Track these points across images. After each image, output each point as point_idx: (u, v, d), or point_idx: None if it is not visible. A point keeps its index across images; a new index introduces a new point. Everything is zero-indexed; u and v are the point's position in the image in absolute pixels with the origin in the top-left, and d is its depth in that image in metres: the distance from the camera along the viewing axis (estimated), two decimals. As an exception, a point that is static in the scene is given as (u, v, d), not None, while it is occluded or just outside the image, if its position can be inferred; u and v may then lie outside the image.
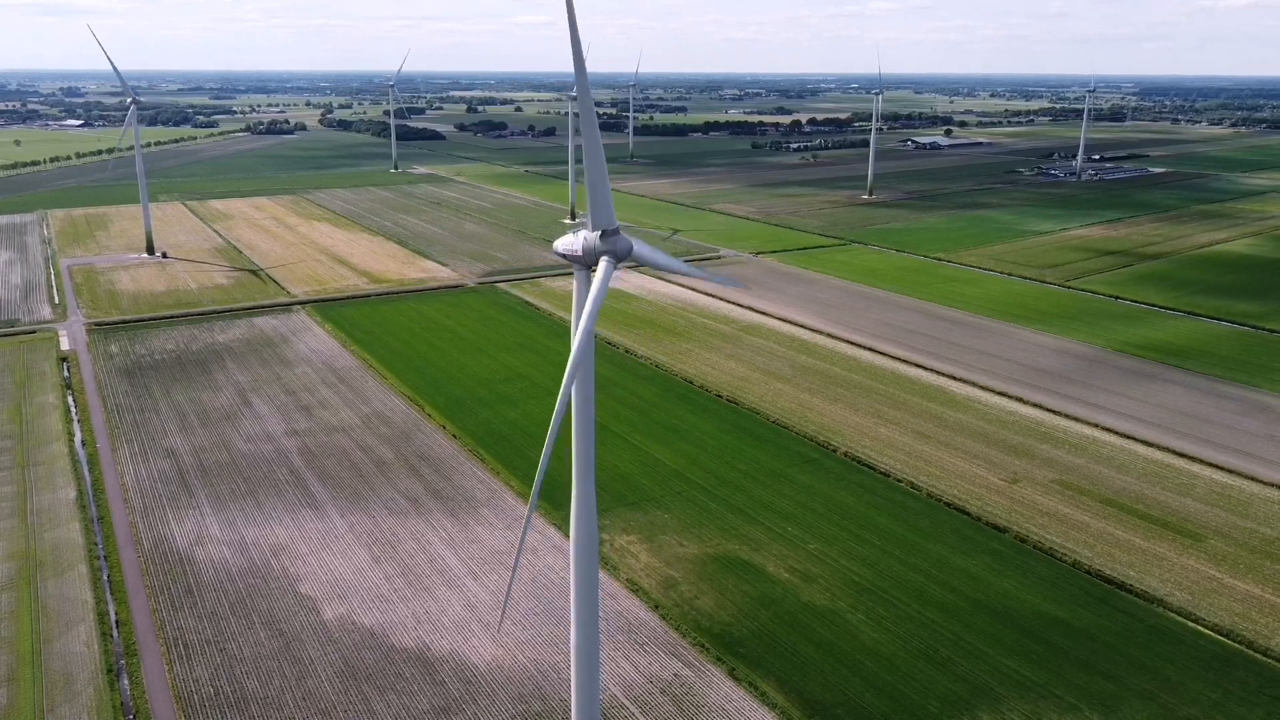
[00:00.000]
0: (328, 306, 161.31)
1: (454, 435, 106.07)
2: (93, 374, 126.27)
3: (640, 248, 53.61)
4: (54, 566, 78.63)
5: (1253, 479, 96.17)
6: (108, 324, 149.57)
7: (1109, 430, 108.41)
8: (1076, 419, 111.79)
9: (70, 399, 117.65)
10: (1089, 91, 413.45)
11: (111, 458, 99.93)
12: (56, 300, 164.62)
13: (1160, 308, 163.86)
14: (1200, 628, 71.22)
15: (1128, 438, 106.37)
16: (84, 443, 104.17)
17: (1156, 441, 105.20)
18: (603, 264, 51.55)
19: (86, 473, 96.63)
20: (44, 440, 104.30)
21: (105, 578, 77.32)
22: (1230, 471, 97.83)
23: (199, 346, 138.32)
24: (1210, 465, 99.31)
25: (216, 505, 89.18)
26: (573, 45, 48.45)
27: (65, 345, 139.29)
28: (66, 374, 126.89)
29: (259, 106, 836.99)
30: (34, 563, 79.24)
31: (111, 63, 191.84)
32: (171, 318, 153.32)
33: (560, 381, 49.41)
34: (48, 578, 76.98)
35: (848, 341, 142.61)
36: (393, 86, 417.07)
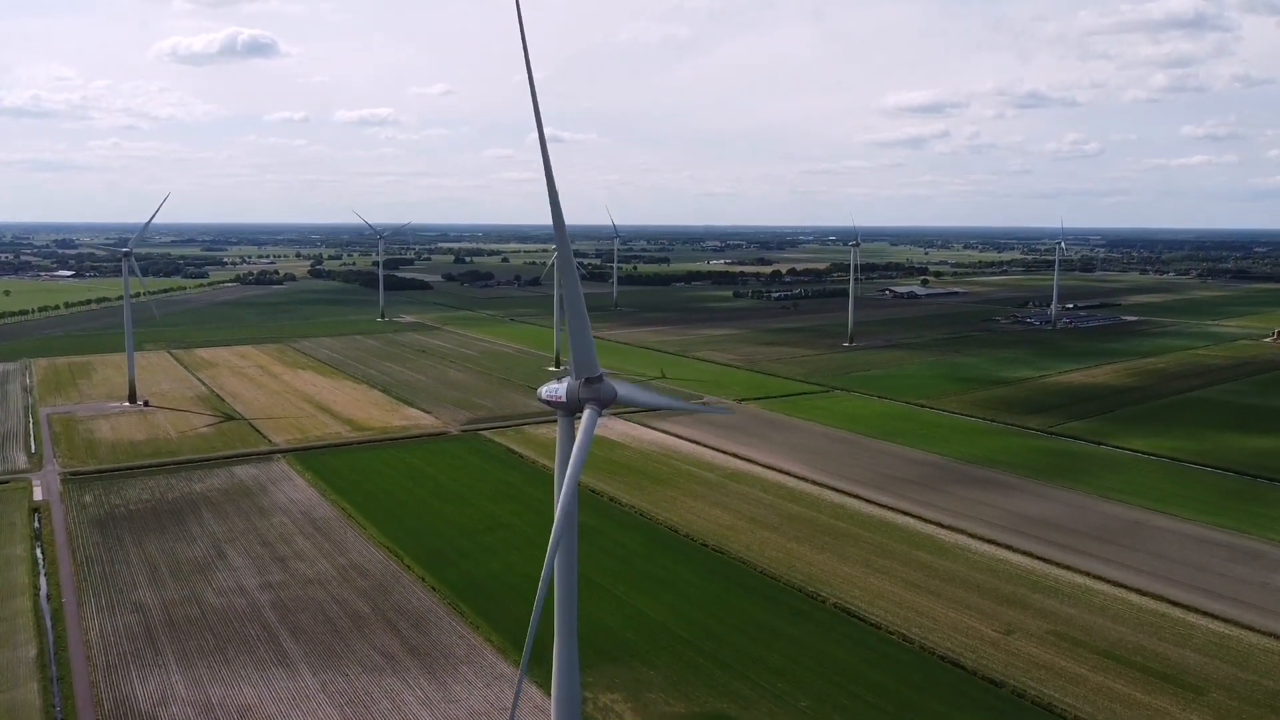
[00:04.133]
0: (308, 455, 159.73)
1: (433, 588, 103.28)
2: (64, 525, 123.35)
3: (625, 390, 53.77)
4: (7, 731, 74.58)
5: (1250, 628, 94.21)
6: (83, 473, 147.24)
7: (1100, 579, 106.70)
8: (1067, 567, 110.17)
9: (39, 551, 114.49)
10: (1058, 243, 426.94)
11: (77, 612, 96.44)
12: (33, 449, 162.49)
13: (1143, 454, 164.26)
14: (1210, 789, 68.14)
15: (1120, 586, 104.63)
16: (49, 597, 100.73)
17: (1150, 590, 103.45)
18: (587, 413, 51.51)
19: (50, 629, 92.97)
20: (8, 595, 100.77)
21: (60, 743, 73.28)
22: (1226, 620, 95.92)
23: (175, 496, 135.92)
24: (1206, 614, 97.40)
25: (183, 663, 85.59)
26: (551, 203, 49.76)
27: (38, 495, 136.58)
28: (37, 525, 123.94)
29: (249, 258, 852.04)
30: (-14, 727, 75.20)
31: (152, 216, 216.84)
32: (149, 467, 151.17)
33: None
34: (-1, 744, 72.91)
35: (834, 489, 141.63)
36: (380, 237, 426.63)
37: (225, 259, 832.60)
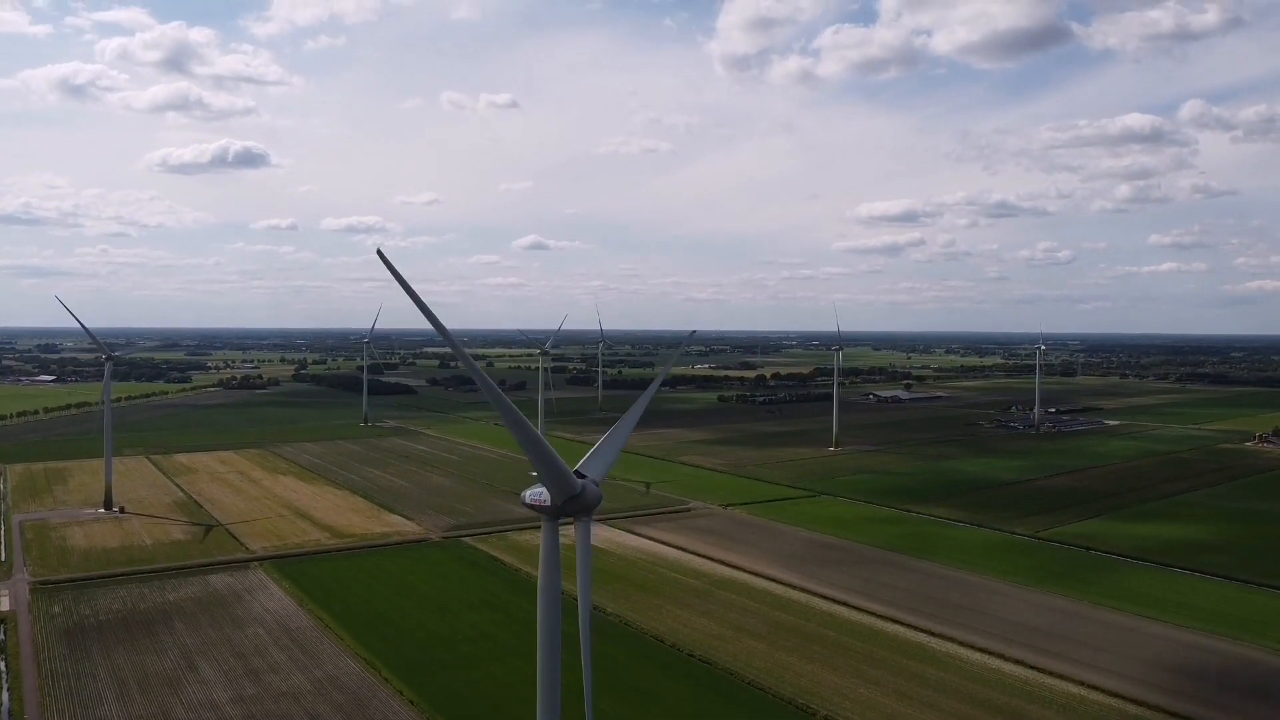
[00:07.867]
0: (286, 563, 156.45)
1: (411, 701, 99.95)
2: (31, 636, 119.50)
3: (603, 469, 54.14)
4: None
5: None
6: (53, 582, 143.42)
7: (1096, 688, 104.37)
8: (1062, 676, 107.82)
9: (3, 664, 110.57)
10: (1039, 348, 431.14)
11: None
12: (3, 557, 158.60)
13: (1130, 558, 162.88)
14: None
15: (1116, 695, 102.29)
16: (11, 713, 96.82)
17: (1146, 700, 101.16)
18: (579, 526, 51.41)
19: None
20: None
21: None
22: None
23: (147, 606, 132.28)
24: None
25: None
26: (461, 357, 50.35)
27: (5, 605, 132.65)
28: (2, 636, 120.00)
29: (233, 362, 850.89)
30: None
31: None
32: (121, 575, 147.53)
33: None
34: None
35: (822, 595, 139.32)
36: (367, 343, 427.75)
37: (209, 363, 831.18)
